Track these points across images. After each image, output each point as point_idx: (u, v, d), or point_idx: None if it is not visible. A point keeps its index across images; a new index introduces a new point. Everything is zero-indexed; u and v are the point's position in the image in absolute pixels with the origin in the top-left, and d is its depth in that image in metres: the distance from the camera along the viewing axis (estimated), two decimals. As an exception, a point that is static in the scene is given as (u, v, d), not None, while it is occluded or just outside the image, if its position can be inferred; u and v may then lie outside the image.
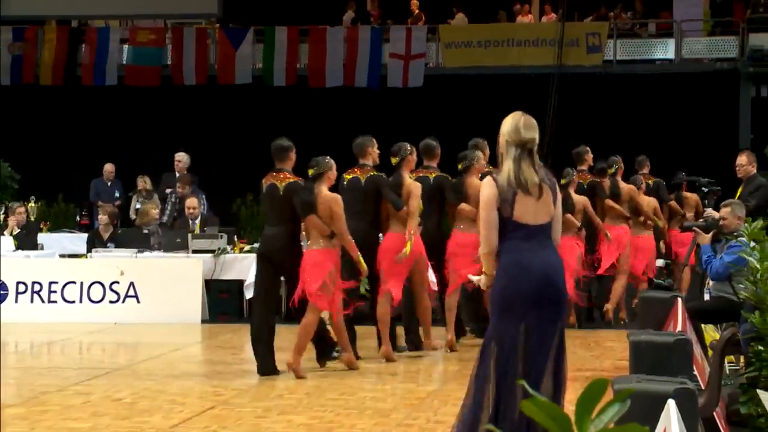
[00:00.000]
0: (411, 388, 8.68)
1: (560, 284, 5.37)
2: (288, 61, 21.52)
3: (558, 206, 5.45)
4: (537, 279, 5.29)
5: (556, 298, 5.34)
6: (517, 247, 5.35)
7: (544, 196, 5.39)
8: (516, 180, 5.36)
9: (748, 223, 6.45)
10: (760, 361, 5.97)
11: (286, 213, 9.23)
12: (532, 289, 5.27)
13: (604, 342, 11.21)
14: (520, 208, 5.35)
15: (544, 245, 5.37)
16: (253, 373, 9.80)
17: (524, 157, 5.41)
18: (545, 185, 5.41)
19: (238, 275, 13.13)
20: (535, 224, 5.37)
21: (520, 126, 5.48)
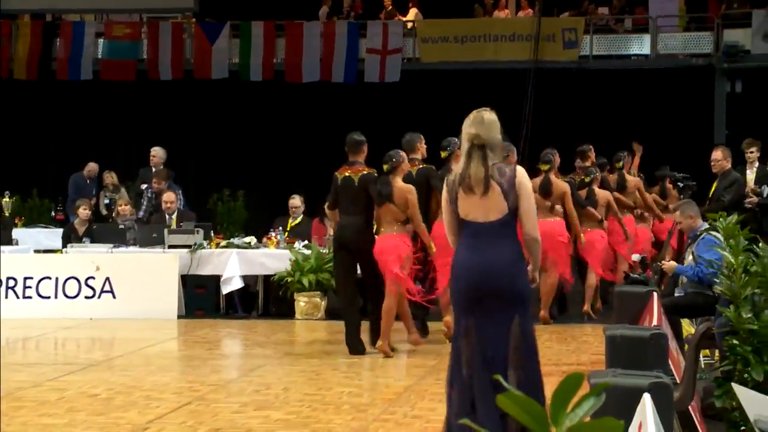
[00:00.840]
0: (388, 383, 8.68)
1: (502, 280, 5.39)
2: (264, 56, 21.47)
3: (522, 201, 5.43)
4: (476, 276, 5.41)
5: (499, 294, 5.38)
6: (464, 245, 5.52)
7: (491, 193, 5.43)
8: (460, 177, 5.48)
9: (723, 218, 6.48)
10: (734, 355, 6.01)
11: (360, 203, 9.87)
12: (472, 286, 5.41)
13: (580, 336, 11.25)
14: (464, 206, 5.49)
15: (492, 242, 5.44)
16: (230, 369, 9.79)
17: (474, 153, 5.49)
18: (494, 182, 5.43)
19: (215, 270, 13.09)
20: (483, 221, 5.46)
21: (469, 121, 5.56)
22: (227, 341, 11.80)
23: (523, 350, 5.40)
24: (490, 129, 5.52)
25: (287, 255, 12.80)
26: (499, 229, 5.46)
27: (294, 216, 13.94)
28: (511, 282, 5.42)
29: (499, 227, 5.46)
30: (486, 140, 5.50)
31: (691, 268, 8.78)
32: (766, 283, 6.07)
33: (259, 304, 13.24)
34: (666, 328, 7.20)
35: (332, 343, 10.99)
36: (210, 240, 13.43)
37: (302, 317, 12.66)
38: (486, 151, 5.49)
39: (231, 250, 13.15)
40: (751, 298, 6.08)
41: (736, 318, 6.01)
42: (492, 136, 5.52)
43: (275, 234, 13.41)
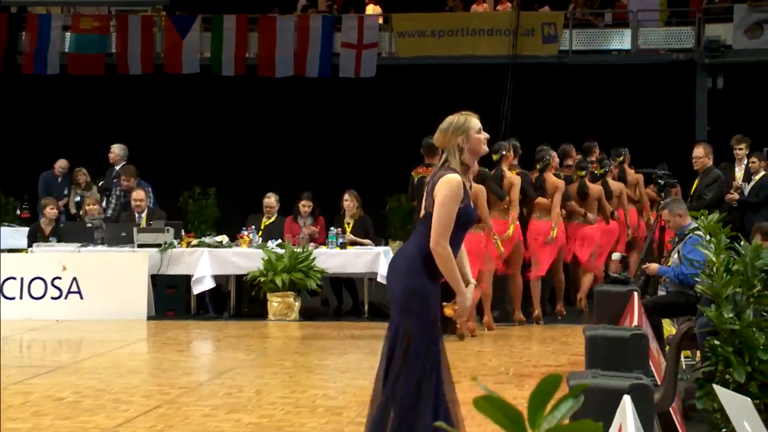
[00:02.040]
0: (363, 386, 8.66)
1: (390, 277, 5.40)
2: (237, 50, 21.41)
3: (436, 203, 5.27)
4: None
5: (390, 292, 5.38)
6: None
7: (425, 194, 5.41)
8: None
9: (705, 216, 6.50)
10: (716, 356, 6.03)
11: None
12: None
13: (560, 337, 11.28)
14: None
15: (409, 239, 5.52)
16: (201, 371, 9.75)
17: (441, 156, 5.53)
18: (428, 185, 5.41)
19: (186, 270, 13.05)
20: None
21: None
22: (198, 343, 11.77)
23: (407, 363, 5.23)
24: (443, 137, 5.45)
25: (260, 254, 12.77)
26: (417, 227, 5.44)
27: (268, 215, 13.91)
28: (394, 280, 5.35)
29: (418, 225, 5.43)
30: (441, 146, 5.50)
31: (672, 268, 8.83)
32: (747, 282, 6.10)
33: (231, 305, 13.21)
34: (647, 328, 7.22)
35: (306, 345, 10.98)
36: (181, 239, 13.38)
37: (275, 318, 12.63)
38: (443, 154, 5.48)
39: (202, 249, 13.11)
40: (733, 297, 6.11)
41: (717, 318, 6.03)
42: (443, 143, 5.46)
43: (248, 233, 13.38)
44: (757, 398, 5.89)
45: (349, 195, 13.58)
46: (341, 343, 11.11)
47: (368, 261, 12.81)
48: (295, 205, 13.90)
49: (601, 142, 14.72)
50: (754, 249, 6.18)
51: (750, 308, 6.10)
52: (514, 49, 20.75)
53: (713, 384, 5.52)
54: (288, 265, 12.56)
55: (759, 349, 5.98)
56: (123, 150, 15.18)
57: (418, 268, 5.28)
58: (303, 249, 12.78)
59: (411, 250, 5.35)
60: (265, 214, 13.94)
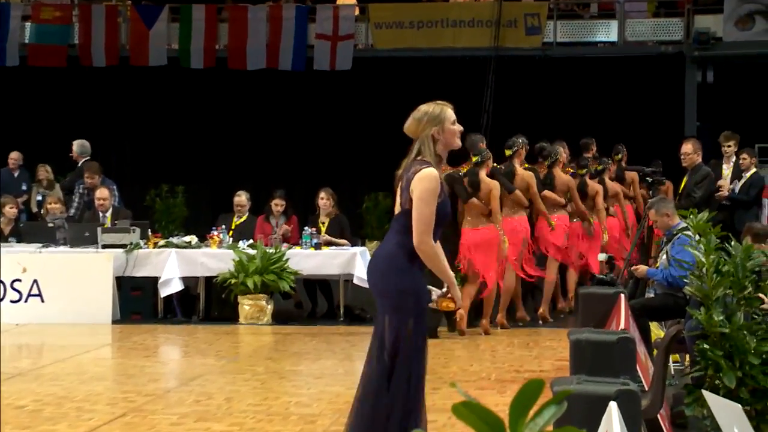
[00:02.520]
0: (339, 392, 8.67)
1: (375, 275, 5.48)
2: (206, 41, 21.36)
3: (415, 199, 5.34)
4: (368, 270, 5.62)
5: (376, 290, 5.48)
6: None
7: (399, 189, 5.49)
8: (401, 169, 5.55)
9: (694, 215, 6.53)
10: (705, 360, 6.05)
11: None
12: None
13: (543, 341, 11.31)
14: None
15: (386, 237, 5.58)
16: (168, 377, 9.73)
17: (412, 147, 5.54)
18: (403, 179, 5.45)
19: (152, 272, 13.01)
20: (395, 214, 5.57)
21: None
22: (166, 348, 11.74)
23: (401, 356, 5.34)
24: (416, 125, 5.52)
25: (230, 255, 12.75)
26: (394, 223, 5.52)
27: (239, 214, 13.89)
28: (380, 278, 5.44)
29: (394, 222, 5.52)
30: (413, 135, 5.54)
31: (661, 270, 8.87)
32: (738, 283, 6.13)
33: (200, 308, 13.18)
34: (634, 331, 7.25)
35: (279, 350, 10.98)
36: (147, 239, 13.34)
37: (247, 322, 12.62)
38: (416, 145, 5.51)
39: (170, 249, 13.08)
40: (723, 299, 6.14)
41: (707, 321, 6.06)
42: (416, 132, 5.52)
43: (218, 232, 13.35)
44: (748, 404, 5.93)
45: (323, 193, 13.57)
46: (315, 348, 11.10)
47: (344, 262, 12.81)
48: (268, 204, 13.88)
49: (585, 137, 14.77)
50: (745, 249, 6.21)
51: (740, 311, 6.13)
52: (496, 40, 20.80)
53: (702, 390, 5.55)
54: (260, 266, 12.55)
55: (750, 354, 6.01)
56: (81, 147, 15.09)
57: (405, 266, 5.38)
58: (276, 250, 12.76)
59: (392, 249, 5.42)
60: (235, 213, 13.91)
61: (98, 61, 21.43)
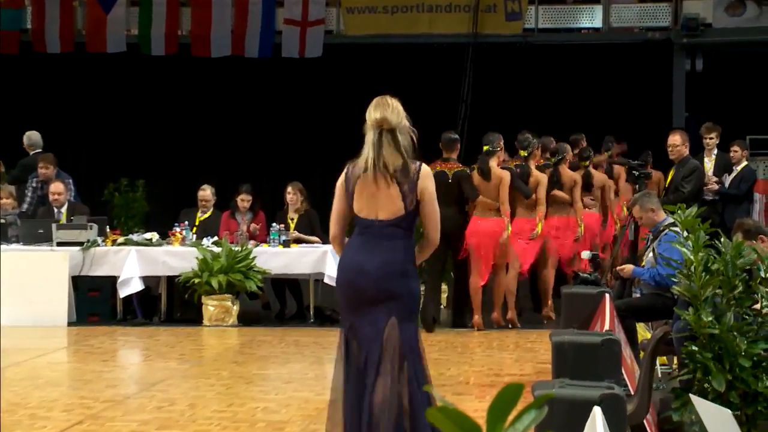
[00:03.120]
0: (308, 398, 8.68)
1: (386, 282, 5.66)
2: (167, 27, 21.27)
3: (425, 205, 5.71)
4: (353, 276, 5.72)
5: (383, 296, 5.63)
6: (353, 243, 5.85)
7: (390, 189, 5.69)
8: (371, 165, 5.71)
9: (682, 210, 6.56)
10: (693, 363, 6.09)
11: (453, 196, 12.07)
12: (358, 287, 5.69)
13: (524, 343, 11.36)
14: (359, 202, 5.78)
15: (381, 243, 5.71)
16: (128, 383, 9.71)
17: (384, 140, 5.71)
18: (396, 180, 5.68)
19: (111, 271, 12.98)
20: (374, 219, 5.75)
21: (373, 106, 5.79)
22: (125, 351, 11.71)
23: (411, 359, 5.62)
24: (397, 114, 5.75)
25: (194, 253, 12.73)
26: (390, 229, 5.72)
27: (204, 209, 13.87)
28: (394, 283, 5.67)
29: (391, 228, 5.72)
30: (395, 125, 5.72)
31: (648, 269, 8.91)
32: (728, 282, 6.16)
33: (162, 309, 13.16)
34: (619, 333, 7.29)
35: (245, 353, 10.97)
36: (105, 236, 13.30)
37: (211, 324, 12.61)
38: (397, 136, 5.71)
39: (129, 247, 13.05)
40: (712, 299, 6.17)
41: (695, 321, 6.09)
42: (400, 121, 5.74)
43: (180, 229, 13.33)
44: (738, 409, 5.97)
45: (291, 188, 13.57)
46: (284, 351, 11.11)
47: (314, 260, 12.81)
48: (233, 199, 13.87)
49: (569, 129, 14.84)
50: (736, 247, 6.24)
51: (731, 311, 6.17)
52: (475, 26, 20.81)
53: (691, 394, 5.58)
54: (225, 265, 12.54)
55: (740, 356, 6.05)
56: (29, 139, 15.02)
57: (413, 270, 5.82)
58: (242, 247, 12.76)
59: (401, 254, 5.73)
60: (199, 209, 13.89)
61: (52, 48, 21.30)
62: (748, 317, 6.25)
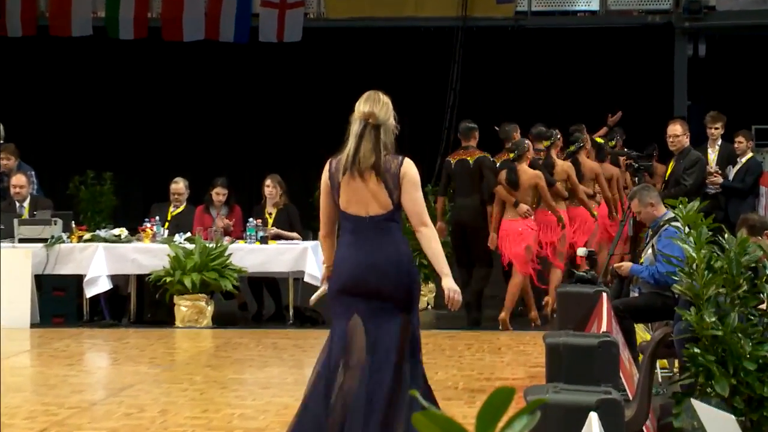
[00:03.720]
0: (287, 403, 8.68)
1: (388, 279, 6.01)
2: (137, 9, 21.22)
3: (405, 194, 6.04)
4: (356, 273, 6.04)
5: (385, 293, 5.99)
6: (345, 242, 6.16)
7: (375, 184, 6.04)
8: (350, 161, 6.05)
9: (684, 205, 6.57)
10: (696, 366, 6.11)
11: (475, 184, 12.69)
12: (357, 285, 6.02)
13: (516, 345, 11.38)
14: (345, 196, 6.10)
15: (376, 239, 6.06)
16: (95, 388, 9.70)
17: (367, 133, 6.06)
18: (378, 175, 6.03)
19: (77, 269, 12.96)
20: (364, 216, 6.08)
21: (363, 99, 6.15)
22: (92, 355, 11.70)
23: (409, 347, 6.05)
24: (386, 111, 6.10)
25: (165, 250, 12.72)
26: (382, 224, 6.07)
27: (176, 204, 13.84)
28: (398, 279, 6.04)
29: (382, 222, 6.07)
30: (381, 121, 6.05)
31: (646, 267, 8.92)
32: (732, 281, 6.18)
33: (131, 310, 13.14)
34: (617, 334, 7.31)
35: (220, 356, 10.97)
36: (70, 232, 13.28)
37: (184, 325, 12.60)
38: (380, 133, 6.04)
39: (96, 244, 13.03)
40: (715, 299, 6.19)
41: (697, 322, 6.11)
42: (387, 119, 6.09)
43: (151, 225, 13.31)
44: (743, 415, 5.99)
45: (270, 180, 13.57)
46: (261, 354, 11.11)
47: (293, 258, 12.82)
48: (207, 193, 13.85)
49: (564, 119, 14.85)
50: (740, 243, 6.26)
51: (735, 311, 6.19)
52: (464, 9, 20.82)
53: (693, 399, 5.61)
54: (199, 263, 12.53)
55: (745, 359, 6.07)
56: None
57: (412, 262, 6.24)
58: (217, 244, 12.75)
59: (401, 248, 6.10)
60: (172, 203, 13.87)
61: (13, 31, 21.24)
62: (753, 318, 6.27)
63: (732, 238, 6.35)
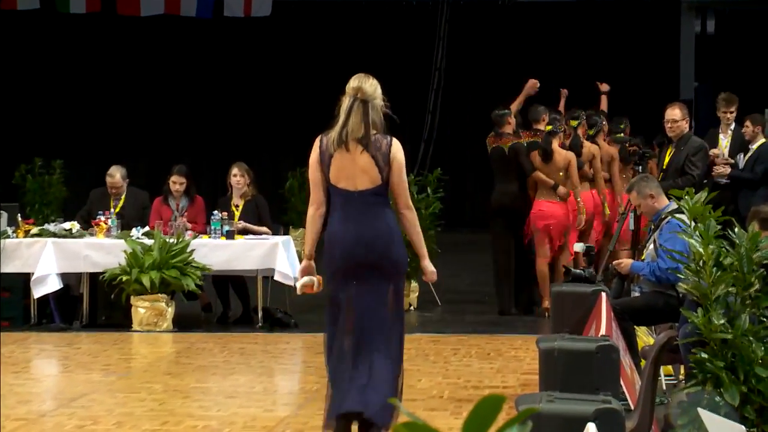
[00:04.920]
0: (255, 414, 8.70)
1: (377, 251, 7.09)
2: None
3: (393, 175, 7.06)
4: (349, 248, 7.11)
5: (375, 264, 7.10)
6: (336, 216, 7.19)
7: (365, 161, 7.04)
8: (338, 135, 7.01)
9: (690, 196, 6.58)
10: (703, 373, 6.13)
11: (512, 170, 13.49)
12: (349, 257, 7.11)
13: (507, 350, 11.40)
14: (335, 170, 7.08)
15: (365, 213, 7.11)
16: (44, 398, 9.68)
17: (355, 107, 7.00)
18: (369, 153, 7.02)
19: (23, 267, 12.92)
20: (353, 190, 7.09)
21: (354, 78, 7.05)
22: (40, 361, 11.67)
23: (394, 314, 7.21)
24: (374, 88, 7.04)
25: (121, 246, 12.70)
26: (370, 198, 7.08)
27: (116, 197, 13.72)
28: (387, 252, 7.11)
29: (371, 197, 7.07)
30: (369, 96, 6.98)
31: (647, 263, 8.94)
32: (742, 279, 6.20)
33: (84, 312, 13.12)
34: (617, 338, 7.34)
35: (181, 363, 10.96)
36: (16, 226, 13.25)
37: (142, 328, 12.58)
38: (368, 108, 6.97)
39: (45, 239, 13.00)
40: (724, 299, 6.21)
41: (705, 325, 6.14)
42: (375, 96, 7.02)
43: (106, 218, 13.28)
44: (754, 426, 6.02)
45: (237, 169, 13.55)
46: (227, 360, 11.10)
47: (262, 254, 12.80)
48: (165, 182, 13.80)
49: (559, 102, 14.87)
50: (751, 238, 6.28)
51: (746, 313, 6.21)
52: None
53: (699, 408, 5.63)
54: (158, 259, 12.51)
55: (757, 364, 6.09)
56: None
57: (399, 234, 7.23)
58: (178, 239, 12.73)
59: (390, 221, 7.16)
60: (112, 198, 13.74)
61: (-46, 5, 21.18)
62: (766, 319, 6.29)
63: (743, 232, 6.35)
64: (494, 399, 1.95)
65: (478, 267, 16.58)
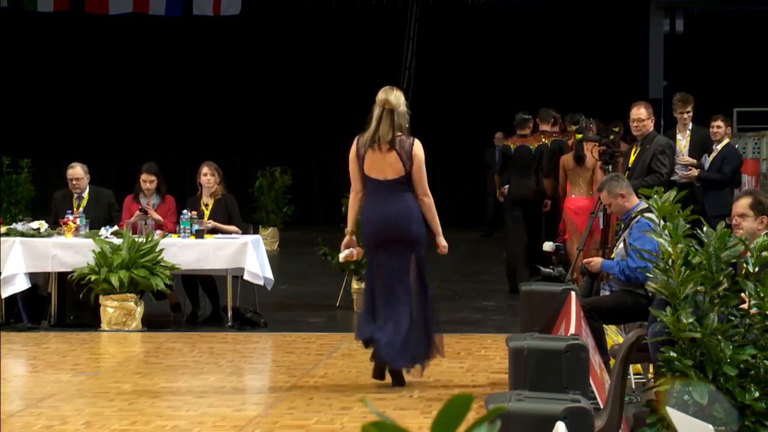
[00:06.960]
0: (225, 414, 8.69)
1: (401, 227, 9.15)
2: (57, -22, 21.10)
3: (414, 170, 9.15)
4: (381, 224, 9.15)
5: (399, 237, 9.15)
6: (369, 199, 9.27)
7: (391, 156, 9.09)
8: (371, 137, 9.08)
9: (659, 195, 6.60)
10: (672, 372, 6.15)
11: (533, 167, 15.01)
12: (379, 233, 9.18)
13: (476, 349, 11.41)
14: (368, 163, 9.19)
15: (391, 196, 9.17)
16: (11, 398, 9.64)
17: (384, 117, 9.11)
18: (395, 149, 9.07)
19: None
20: (382, 179, 9.18)
21: (382, 91, 9.12)
22: (7, 361, 11.62)
23: (419, 278, 9.24)
24: (398, 100, 9.15)
25: (90, 245, 12.66)
26: (395, 185, 9.15)
27: (78, 193, 13.65)
28: (407, 228, 9.16)
29: (396, 184, 9.14)
30: (395, 106, 9.08)
31: (617, 263, 8.97)
32: (711, 278, 6.22)
33: (53, 312, 13.07)
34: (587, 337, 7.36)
35: (151, 363, 10.94)
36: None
37: (110, 328, 12.55)
38: (394, 116, 9.08)
39: (13, 238, 12.95)
40: (693, 297, 6.23)
41: (673, 323, 6.15)
42: (399, 105, 9.12)
43: (74, 217, 13.24)
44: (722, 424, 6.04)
45: (206, 168, 13.53)
46: (196, 360, 11.09)
47: (232, 254, 12.79)
48: (136, 181, 13.78)
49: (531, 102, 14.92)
50: (720, 237, 6.30)
51: (714, 311, 6.23)
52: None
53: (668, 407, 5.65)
54: (127, 259, 12.48)
55: (725, 363, 6.11)
56: None
57: (420, 215, 9.26)
58: (147, 238, 12.70)
59: (411, 203, 9.22)
60: (74, 195, 13.67)
61: None
62: (734, 318, 6.31)
63: (711, 231, 6.37)
64: (463, 398, 1.96)
65: (448, 266, 16.61)
